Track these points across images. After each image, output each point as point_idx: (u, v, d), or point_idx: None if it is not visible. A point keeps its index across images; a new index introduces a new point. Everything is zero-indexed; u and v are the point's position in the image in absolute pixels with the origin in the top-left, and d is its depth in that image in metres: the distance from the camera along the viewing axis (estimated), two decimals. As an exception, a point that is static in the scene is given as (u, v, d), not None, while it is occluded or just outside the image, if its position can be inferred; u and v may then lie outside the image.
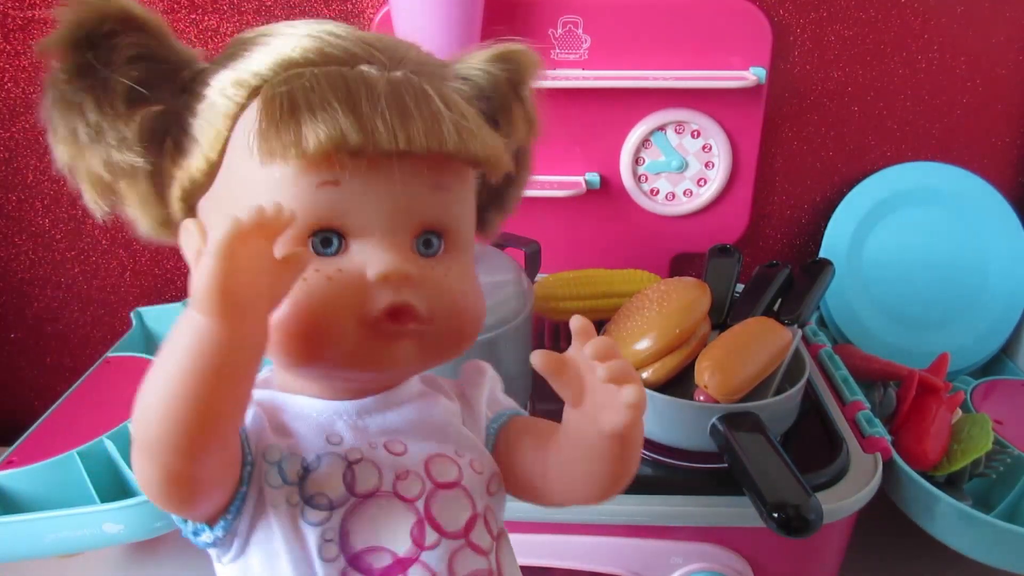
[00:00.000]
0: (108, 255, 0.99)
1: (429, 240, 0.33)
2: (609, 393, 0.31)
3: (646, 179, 0.92)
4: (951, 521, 0.64)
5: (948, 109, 0.93)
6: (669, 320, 0.64)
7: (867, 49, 0.90)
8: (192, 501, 0.30)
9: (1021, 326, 0.93)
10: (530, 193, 0.89)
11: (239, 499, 0.31)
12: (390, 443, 0.34)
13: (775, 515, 0.50)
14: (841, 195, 0.95)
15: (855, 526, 0.64)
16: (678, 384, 0.65)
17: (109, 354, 0.87)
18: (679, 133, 0.90)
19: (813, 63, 0.91)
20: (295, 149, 0.28)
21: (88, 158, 0.32)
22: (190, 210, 0.34)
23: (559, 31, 0.86)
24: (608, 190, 0.93)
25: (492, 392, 0.41)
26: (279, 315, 0.30)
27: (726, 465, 0.57)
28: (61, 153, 0.32)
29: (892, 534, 0.77)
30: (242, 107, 0.31)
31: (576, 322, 0.32)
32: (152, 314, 0.94)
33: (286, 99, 0.29)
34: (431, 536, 0.33)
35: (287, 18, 0.93)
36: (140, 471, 0.28)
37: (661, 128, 0.89)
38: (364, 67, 0.31)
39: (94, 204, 0.34)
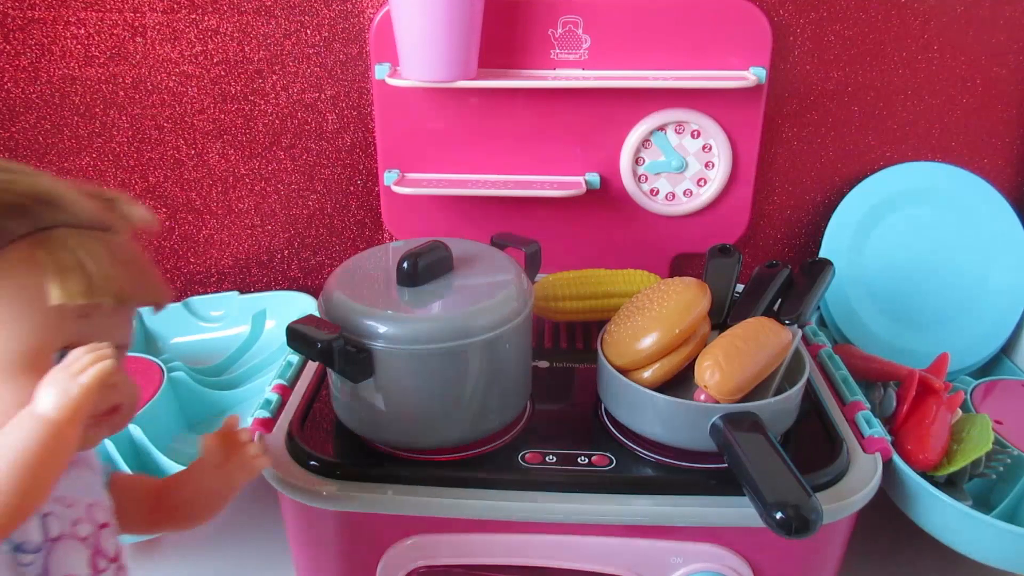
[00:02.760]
0: (108, 255, 0.99)
1: (119, 355, 0.44)
2: (254, 462, 0.53)
3: (646, 179, 0.92)
4: (951, 521, 0.64)
5: (948, 109, 0.93)
6: (669, 320, 0.64)
7: (867, 49, 0.90)
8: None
9: (1021, 326, 0.93)
10: (530, 193, 0.89)
11: None
12: (62, 499, 0.44)
13: (775, 515, 0.50)
14: (841, 195, 0.95)
15: (855, 526, 0.64)
16: (678, 384, 0.65)
17: (109, 354, 0.87)
18: (679, 133, 0.90)
19: (813, 63, 0.91)
20: (84, 298, 0.39)
21: None
22: None
23: (559, 31, 0.86)
24: (608, 190, 0.93)
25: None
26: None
27: (726, 465, 0.57)
28: None
29: (892, 534, 0.77)
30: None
31: (230, 419, 0.54)
32: (151, 314, 0.94)
33: (74, 257, 0.40)
34: (102, 563, 0.45)
35: (287, 19, 0.93)
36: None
37: (661, 128, 0.89)
38: (106, 234, 0.43)
39: None
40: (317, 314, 0.59)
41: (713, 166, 0.91)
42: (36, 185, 0.41)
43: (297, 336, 0.55)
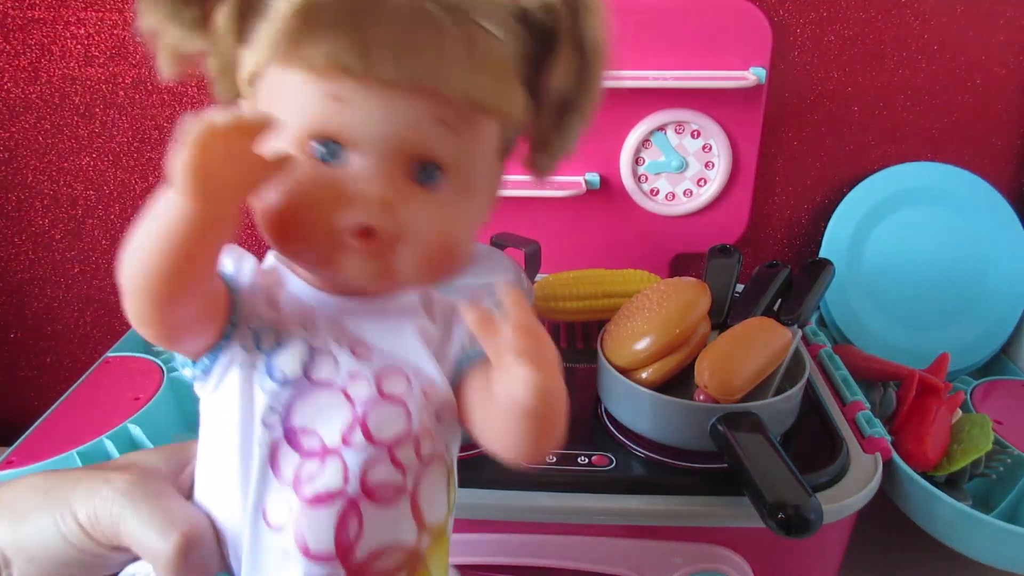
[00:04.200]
0: (108, 255, 0.99)
1: (428, 170, 0.34)
2: (514, 367, 0.32)
3: (646, 179, 0.92)
4: (951, 521, 0.64)
5: (948, 109, 0.93)
6: (669, 320, 0.64)
7: (867, 49, 0.90)
8: (168, 340, 0.34)
9: (1021, 326, 0.93)
10: (530, 193, 0.89)
11: (218, 349, 0.35)
12: (356, 344, 0.36)
13: (775, 515, 0.50)
14: (841, 195, 0.95)
15: (855, 526, 0.64)
16: (678, 384, 0.65)
17: (109, 354, 0.87)
18: (679, 133, 0.90)
19: (813, 63, 0.91)
20: (300, 60, 0.32)
21: (165, 31, 0.35)
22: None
23: (559, 31, 0.86)
24: (608, 190, 0.93)
25: None
26: (265, 201, 0.33)
27: (726, 465, 0.57)
28: (144, 18, 0.35)
29: (892, 534, 0.77)
30: None
31: (504, 289, 0.34)
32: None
33: (303, 10, 0.31)
34: (357, 437, 0.35)
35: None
36: (128, 311, 0.32)
37: (661, 128, 0.89)
38: None
39: (164, 66, 0.36)
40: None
41: (713, 166, 0.91)
42: None
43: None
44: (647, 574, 0.62)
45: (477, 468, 0.62)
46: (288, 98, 0.33)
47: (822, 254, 0.94)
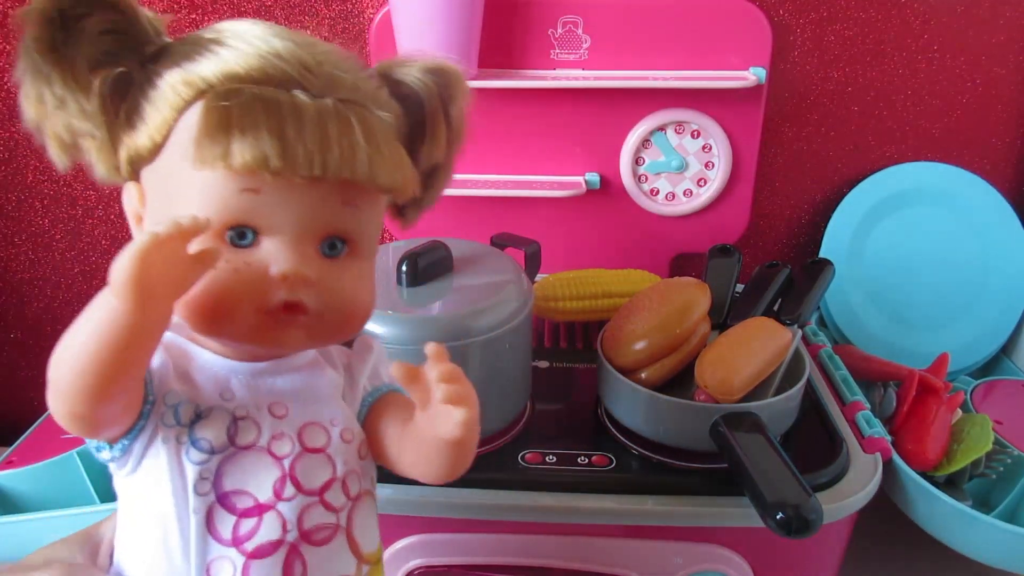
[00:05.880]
0: (108, 255, 0.99)
1: (334, 244, 0.37)
2: (446, 410, 0.36)
3: (646, 179, 0.92)
4: (951, 521, 0.64)
5: (948, 109, 0.93)
6: (669, 320, 0.64)
7: (867, 49, 0.90)
8: (92, 432, 0.35)
9: (1021, 326, 0.93)
10: (530, 193, 0.89)
11: (137, 429, 0.36)
12: (274, 405, 0.39)
13: (775, 515, 0.50)
14: (841, 195, 0.95)
15: (855, 526, 0.64)
16: (678, 384, 0.65)
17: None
18: (679, 133, 0.90)
19: (813, 63, 0.91)
20: (223, 162, 0.33)
21: (52, 121, 0.36)
22: (134, 173, 0.38)
23: (559, 31, 0.86)
24: (608, 190, 0.93)
25: (375, 367, 0.45)
26: (188, 295, 0.34)
27: (726, 465, 0.57)
28: (29, 113, 0.36)
29: (892, 534, 0.77)
30: (187, 103, 0.35)
31: (431, 348, 0.38)
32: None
33: (223, 115, 0.33)
34: (289, 490, 0.37)
35: (287, 19, 0.93)
36: (51, 406, 0.33)
37: (661, 128, 0.89)
38: (298, 92, 0.35)
39: (57, 158, 0.38)
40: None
41: (713, 166, 0.91)
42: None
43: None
44: (647, 574, 0.62)
45: (477, 468, 0.62)
46: (200, 192, 0.34)
47: (822, 254, 0.94)
